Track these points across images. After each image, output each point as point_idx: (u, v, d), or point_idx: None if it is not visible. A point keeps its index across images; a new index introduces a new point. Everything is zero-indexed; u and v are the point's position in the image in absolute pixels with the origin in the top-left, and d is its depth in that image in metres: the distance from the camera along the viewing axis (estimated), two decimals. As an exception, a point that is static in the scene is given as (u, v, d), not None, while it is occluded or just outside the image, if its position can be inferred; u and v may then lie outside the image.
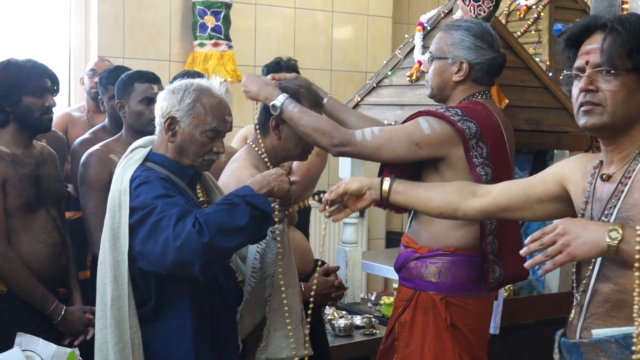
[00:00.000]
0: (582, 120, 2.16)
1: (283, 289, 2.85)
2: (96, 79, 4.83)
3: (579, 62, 2.17)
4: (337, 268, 3.51)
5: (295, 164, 4.65)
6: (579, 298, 2.22)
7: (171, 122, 2.74)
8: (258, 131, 3.24)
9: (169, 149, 2.77)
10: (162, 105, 2.76)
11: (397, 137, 3.04)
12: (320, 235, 6.50)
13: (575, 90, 2.18)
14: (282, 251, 2.86)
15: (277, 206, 2.71)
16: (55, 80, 3.46)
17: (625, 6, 4.50)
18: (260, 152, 3.24)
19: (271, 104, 3.09)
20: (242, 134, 4.92)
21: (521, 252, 2.11)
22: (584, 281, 2.19)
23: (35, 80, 3.37)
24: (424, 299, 3.06)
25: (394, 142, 3.04)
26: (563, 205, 2.40)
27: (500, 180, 2.67)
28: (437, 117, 3.02)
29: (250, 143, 3.28)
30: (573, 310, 2.25)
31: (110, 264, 2.68)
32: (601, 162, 2.27)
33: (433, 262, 3.07)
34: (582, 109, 2.15)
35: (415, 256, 3.10)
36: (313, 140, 3.10)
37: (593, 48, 2.14)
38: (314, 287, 2.95)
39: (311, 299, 2.89)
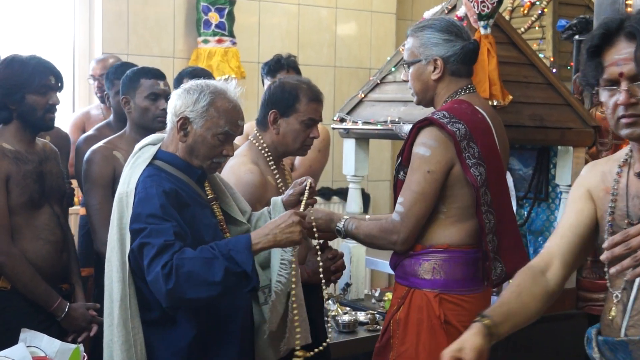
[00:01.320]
0: (625, 131, 2.15)
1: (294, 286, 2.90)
2: (97, 84, 4.85)
3: (611, 74, 2.14)
4: (327, 244, 3.42)
5: (297, 160, 4.66)
6: (619, 296, 2.20)
7: (184, 122, 2.73)
8: (257, 127, 3.26)
9: (179, 147, 2.77)
10: (176, 103, 2.76)
11: (414, 183, 3.01)
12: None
13: (610, 101, 2.16)
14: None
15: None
16: (59, 78, 3.44)
17: (629, 2, 4.50)
18: (260, 147, 3.26)
19: (336, 229, 3.18)
20: (245, 130, 4.92)
21: (603, 257, 1.95)
22: (625, 278, 2.16)
23: (38, 78, 3.35)
24: (418, 297, 3.06)
25: (414, 188, 3.00)
26: None
27: (493, 179, 2.64)
28: (425, 125, 3.02)
29: (251, 139, 3.30)
30: (613, 308, 2.23)
31: (118, 264, 2.69)
32: (625, 160, 2.26)
33: (426, 260, 3.05)
34: (623, 120, 2.13)
35: (409, 254, 3.09)
36: (379, 247, 3.20)
37: (622, 58, 2.10)
38: (321, 265, 2.99)
39: (321, 276, 2.97)
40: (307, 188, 2.98)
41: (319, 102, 3.30)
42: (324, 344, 3.00)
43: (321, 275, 2.98)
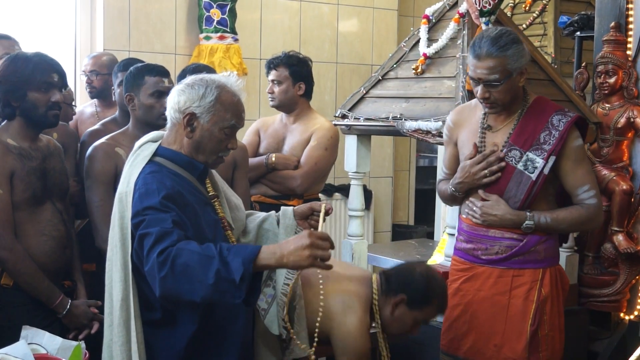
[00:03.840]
0: None
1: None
2: (87, 80, 4.85)
3: None
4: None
5: (303, 158, 4.65)
6: None
7: (190, 118, 2.71)
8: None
9: (184, 144, 2.76)
10: (180, 99, 2.73)
11: (590, 170, 3.51)
12: (337, 229, 6.51)
13: None
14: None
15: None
16: (62, 75, 3.43)
17: (631, -3, 4.49)
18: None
19: (524, 226, 3.36)
20: (254, 127, 4.92)
21: None
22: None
23: (40, 76, 3.33)
24: (554, 272, 3.45)
25: (593, 174, 3.54)
26: None
27: None
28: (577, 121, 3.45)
29: None
30: None
31: (119, 264, 2.68)
32: None
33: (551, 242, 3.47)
34: None
35: (544, 239, 3.40)
36: (582, 231, 3.80)
37: None
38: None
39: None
40: (322, 212, 2.90)
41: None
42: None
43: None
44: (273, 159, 4.63)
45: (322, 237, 2.49)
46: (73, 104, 4.69)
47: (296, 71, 4.71)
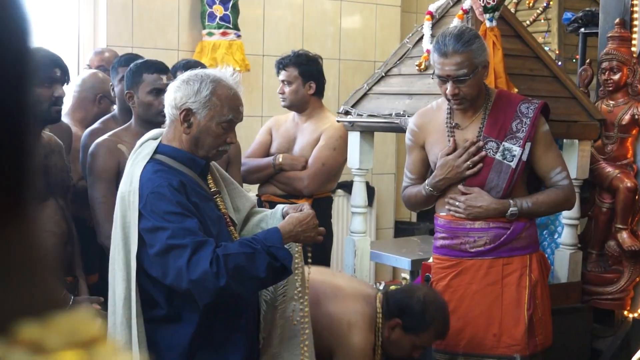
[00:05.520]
0: None
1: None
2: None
3: None
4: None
5: (311, 159, 4.63)
6: None
7: (187, 114, 2.70)
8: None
9: (183, 140, 2.74)
10: (176, 96, 2.72)
11: (559, 153, 3.67)
12: (340, 226, 6.50)
13: None
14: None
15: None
16: (65, 70, 3.43)
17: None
18: None
19: (509, 213, 3.45)
20: (266, 126, 4.91)
21: None
22: None
23: (43, 71, 3.34)
24: (538, 258, 3.56)
25: (561, 157, 3.72)
26: None
27: None
28: (543, 107, 3.60)
29: None
30: None
31: (122, 263, 2.67)
32: None
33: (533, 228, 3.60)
34: None
35: (527, 225, 3.52)
36: (561, 210, 3.88)
37: None
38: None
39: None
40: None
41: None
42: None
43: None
44: (280, 159, 4.62)
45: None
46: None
47: (306, 70, 4.69)
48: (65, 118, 4.37)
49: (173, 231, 2.55)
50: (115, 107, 4.27)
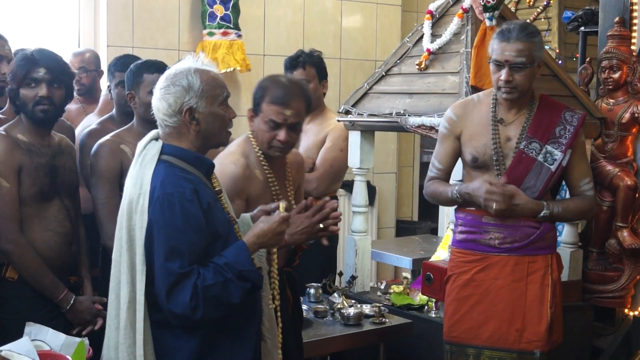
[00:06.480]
0: None
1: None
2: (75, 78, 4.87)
3: None
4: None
5: (318, 160, 4.63)
6: None
7: (191, 112, 2.70)
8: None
9: (193, 139, 2.72)
10: (169, 103, 2.68)
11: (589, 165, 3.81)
12: (341, 225, 6.49)
13: None
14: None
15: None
16: (52, 71, 3.38)
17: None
18: (253, 141, 3.30)
19: (541, 215, 3.50)
20: None
21: None
22: None
23: (26, 72, 3.35)
24: (557, 257, 3.64)
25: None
26: None
27: None
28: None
29: (248, 132, 3.31)
30: None
31: (126, 266, 2.64)
32: None
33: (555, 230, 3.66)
34: None
35: (552, 226, 3.59)
36: (579, 220, 4.15)
37: None
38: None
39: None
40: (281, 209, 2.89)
41: (283, 105, 3.20)
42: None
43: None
44: None
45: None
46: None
47: (322, 69, 4.70)
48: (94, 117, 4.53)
49: (171, 249, 2.58)
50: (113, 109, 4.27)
